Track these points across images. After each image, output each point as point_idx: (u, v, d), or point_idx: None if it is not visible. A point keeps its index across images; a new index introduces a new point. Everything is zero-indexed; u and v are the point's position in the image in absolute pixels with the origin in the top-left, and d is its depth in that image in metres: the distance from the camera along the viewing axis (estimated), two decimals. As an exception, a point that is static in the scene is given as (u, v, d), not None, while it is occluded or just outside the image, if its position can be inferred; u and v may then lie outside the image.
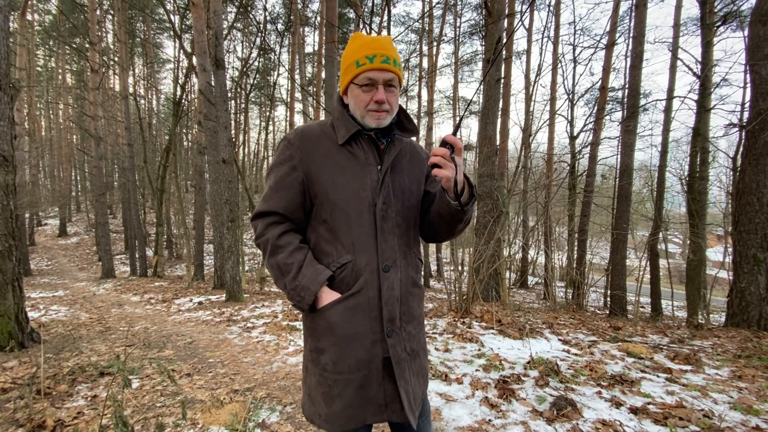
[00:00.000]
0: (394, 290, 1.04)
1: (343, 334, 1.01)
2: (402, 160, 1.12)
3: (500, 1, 5.62)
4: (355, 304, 1.02)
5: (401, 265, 1.07)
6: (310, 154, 1.05)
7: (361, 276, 1.02)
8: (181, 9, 13.14)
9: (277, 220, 1.08)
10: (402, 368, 1.04)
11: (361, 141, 1.06)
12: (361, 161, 1.05)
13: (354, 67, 1.01)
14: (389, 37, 1.06)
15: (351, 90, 1.05)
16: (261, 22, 16.13)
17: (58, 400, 2.38)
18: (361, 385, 1.02)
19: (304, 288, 1.01)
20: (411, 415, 1.03)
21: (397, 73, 1.02)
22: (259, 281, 10.59)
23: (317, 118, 15.27)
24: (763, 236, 4.38)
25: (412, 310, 1.11)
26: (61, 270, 15.44)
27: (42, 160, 26.45)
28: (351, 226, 1.03)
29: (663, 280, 9.06)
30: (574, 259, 10.81)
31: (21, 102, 14.24)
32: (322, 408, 1.04)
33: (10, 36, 3.54)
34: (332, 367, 1.02)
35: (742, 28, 7.52)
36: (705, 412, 2.19)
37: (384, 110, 1.02)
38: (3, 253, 3.32)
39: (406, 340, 1.07)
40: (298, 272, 1.02)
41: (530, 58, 15.03)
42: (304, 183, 1.05)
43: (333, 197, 1.03)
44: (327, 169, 1.04)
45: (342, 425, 1.02)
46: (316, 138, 1.07)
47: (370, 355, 1.02)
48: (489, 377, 2.76)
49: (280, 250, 1.05)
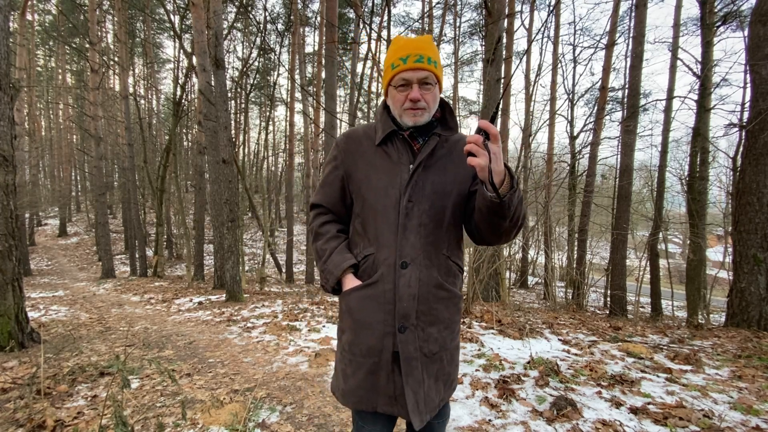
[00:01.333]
0: (411, 288, 1.05)
1: (357, 319, 1.09)
2: (442, 159, 1.11)
3: (500, 1, 5.61)
4: (371, 294, 1.07)
5: (422, 264, 1.06)
6: (351, 154, 1.15)
7: (379, 269, 1.08)
8: (181, 9, 13.14)
9: (322, 212, 1.23)
10: (411, 366, 1.04)
11: (396, 141, 1.11)
12: (393, 160, 1.10)
13: (390, 70, 1.06)
14: (429, 37, 1.08)
15: (389, 92, 1.10)
16: (261, 22, 16.13)
17: (58, 400, 2.38)
18: (371, 371, 1.07)
19: (330, 272, 1.12)
20: (416, 417, 1.03)
21: (433, 70, 1.04)
22: (259, 281, 10.59)
23: (317, 119, 15.27)
24: (763, 236, 4.38)
25: (437, 313, 1.09)
26: (61, 270, 15.44)
27: (42, 160, 26.44)
28: (377, 221, 1.09)
29: (663, 280, 9.05)
30: (574, 259, 10.81)
31: (21, 102, 14.24)
32: (341, 383, 1.14)
33: (10, 36, 3.54)
34: (348, 347, 1.11)
35: (742, 28, 7.53)
36: (705, 412, 2.19)
37: (420, 108, 1.05)
38: (3, 253, 3.32)
39: (422, 340, 1.06)
40: (329, 258, 1.14)
41: (530, 58, 15.04)
42: (344, 180, 1.16)
43: (365, 193, 1.11)
44: (363, 168, 1.12)
45: (355, 403, 1.10)
46: (358, 139, 1.16)
47: (381, 345, 1.06)
48: (489, 377, 2.76)
49: (319, 237, 1.19)
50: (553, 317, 5.32)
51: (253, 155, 27.13)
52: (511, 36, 11.63)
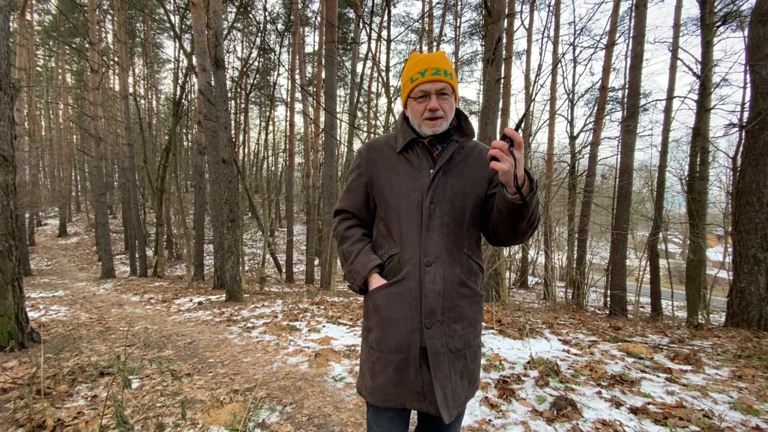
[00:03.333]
0: (436, 284, 1.09)
1: (385, 317, 1.13)
2: (460, 164, 1.18)
3: (500, 1, 5.61)
4: (397, 291, 1.12)
5: (446, 261, 1.11)
6: (374, 162, 1.22)
7: (404, 267, 1.12)
8: (181, 9, 13.15)
9: (347, 217, 1.29)
10: (439, 361, 1.08)
11: (416, 148, 1.17)
12: (414, 166, 1.16)
13: (409, 83, 1.14)
14: (442, 52, 1.16)
15: (409, 103, 1.17)
16: (261, 22, 16.13)
17: (58, 400, 2.38)
18: (399, 368, 1.10)
19: (356, 272, 1.18)
20: (445, 411, 1.06)
21: (449, 82, 1.12)
22: (259, 281, 10.59)
23: (317, 118, 15.27)
24: (763, 236, 4.38)
25: (460, 310, 1.13)
26: (61, 270, 15.43)
27: (42, 160, 26.45)
28: (401, 222, 1.14)
29: (663, 280, 9.05)
30: (574, 259, 10.82)
31: (21, 102, 14.23)
32: (368, 381, 1.16)
33: (10, 36, 3.54)
34: (376, 345, 1.15)
35: (742, 28, 7.53)
36: (705, 412, 2.19)
37: (438, 117, 1.12)
38: (3, 253, 3.32)
39: (448, 336, 1.10)
40: (355, 259, 1.19)
41: (530, 58, 15.02)
42: (367, 186, 1.24)
43: (388, 197, 1.17)
44: (385, 174, 1.19)
45: (383, 401, 1.12)
46: (380, 148, 1.23)
47: (409, 341, 1.10)
48: (489, 377, 2.76)
49: (345, 241, 1.25)
50: (553, 317, 5.32)
51: (253, 155, 27.12)
52: (511, 36, 11.62)
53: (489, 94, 5.77)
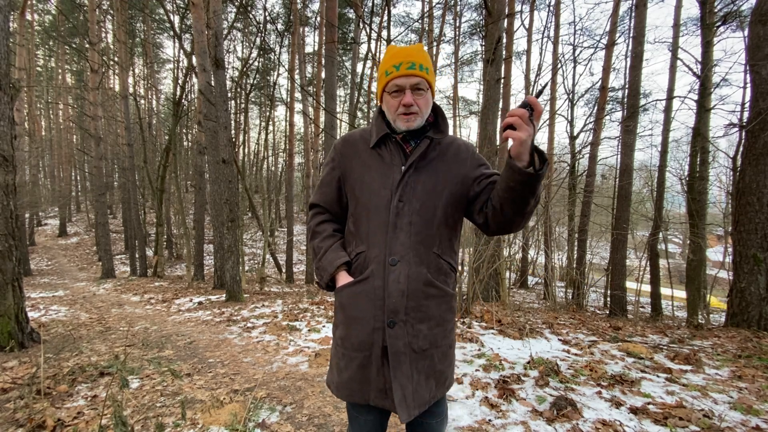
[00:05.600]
0: (400, 284, 1.08)
1: (349, 314, 1.13)
2: (434, 161, 1.14)
3: (500, 1, 5.61)
4: (362, 290, 1.11)
5: (412, 261, 1.09)
6: (347, 156, 1.19)
7: (370, 265, 1.11)
8: (181, 9, 13.14)
9: (319, 211, 1.27)
10: (399, 361, 1.07)
11: (389, 143, 1.15)
12: (386, 162, 1.14)
13: (384, 77, 1.10)
14: (420, 45, 1.12)
15: (384, 98, 1.13)
16: (261, 22, 16.12)
17: (58, 400, 2.38)
18: (362, 365, 1.11)
19: (324, 269, 1.17)
20: (403, 410, 1.05)
21: (425, 77, 1.08)
22: (259, 281, 10.58)
23: (317, 118, 15.26)
24: (763, 236, 4.38)
25: (426, 309, 1.10)
26: (61, 270, 15.43)
27: (42, 160, 26.45)
28: (369, 220, 1.13)
29: (663, 280, 9.05)
30: (574, 259, 10.81)
31: (21, 102, 14.23)
32: (335, 376, 1.18)
33: (10, 36, 3.54)
34: (341, 342, 1.15)
35: (742, 28, 7.53)
36: (705, 412, 2.19)
37: (412, 113, 1.09)
38: (3, 253, 3.32)
39: (411, 335, 1.08)
40: (323, 255, 1.19)
41: (530, 58, 15.02)
42: (340, 181, 1.21)
43: (358, 193, 1.15)
44: (358, 169, 1.17)
45: (348, 396, 1.14)
46: (355, 142, 1.20)
47: (371, 340, 1.09)
48: (489, 377, 2.76)
49: (316, 236, 1.24)
50: (553, 317, 5.32)
51: (253, 155, 27.13)
52: (511, 36, 11.62)
53: (489, 94, 5.77)
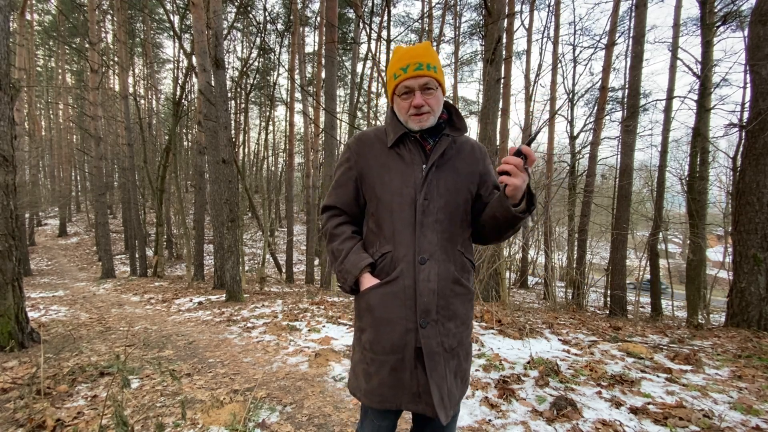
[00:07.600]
0: (431, 282, 1.07)
1: (378, 317, 1.10)
2: (452, 159, 1.15)
3: (500, 1, 5.61)
4: (391, 291, 1.09)
5: (440, 259, 1.09)
6: (364, 156, 1.17)
7: (398, 265, 1.09)
8: (181, 9, 13.14)
9: (336, 213, 1.24)
10: (435, 361, 1.06)
11: (408, 143, 1.14)
12: (406, 161, 1.13)
13: (392, 80, 1.11)
14: (427, 44, 1.12)
15: (395, 100, 1.14)
16: (261, 22, 16.12)
17: (58, 400, 2.38)
18: (395, 369, 1.08)
19: (347, 272, 1.13)
20: (442, 412, 1.04)
21: (433, 76, 1.08)
22: (259, 281, 10.58)
23: (317, 118, 15.26)
24: (763, 236, 4.38)
25: (453, 308, 1.11)
26: (61, 270, 15.43)
27: (42, 160, 26.41)
28: (393, 219, 1.11)
29: (663, 280, 9.06)
30: (574, 259, 10.82)
31: (21, 102, 14.24)
32: (362, 383, 1.14)
33: (10, 36, 3.54)
34: (370, 346, 1.11)
35: (742, 28, 7.53)
36: (705, 412, 2.19)
37: (424, 113, 1.09)
38: (3, 253, 3.32)
39: (443, 335, 1.08)
40: (345, 258, 1.15)
41: (530, 58, 15.03)
42: (357, 181, 1.19)
43: (379, 193, 1.13)
44: (376, 169, 1.15)
45: (378, 402, 1.10)
46: (370, 142, 1.18)
47: (403, 342, 1.07)
48: (489, 377, 2.76)
49: (335, 239, 1.20)
50: (553, 317, 5.32)
51: (253, 155, 27.13)
52: (511, 36, 11.62)
53: (489, 94, 5.77)
